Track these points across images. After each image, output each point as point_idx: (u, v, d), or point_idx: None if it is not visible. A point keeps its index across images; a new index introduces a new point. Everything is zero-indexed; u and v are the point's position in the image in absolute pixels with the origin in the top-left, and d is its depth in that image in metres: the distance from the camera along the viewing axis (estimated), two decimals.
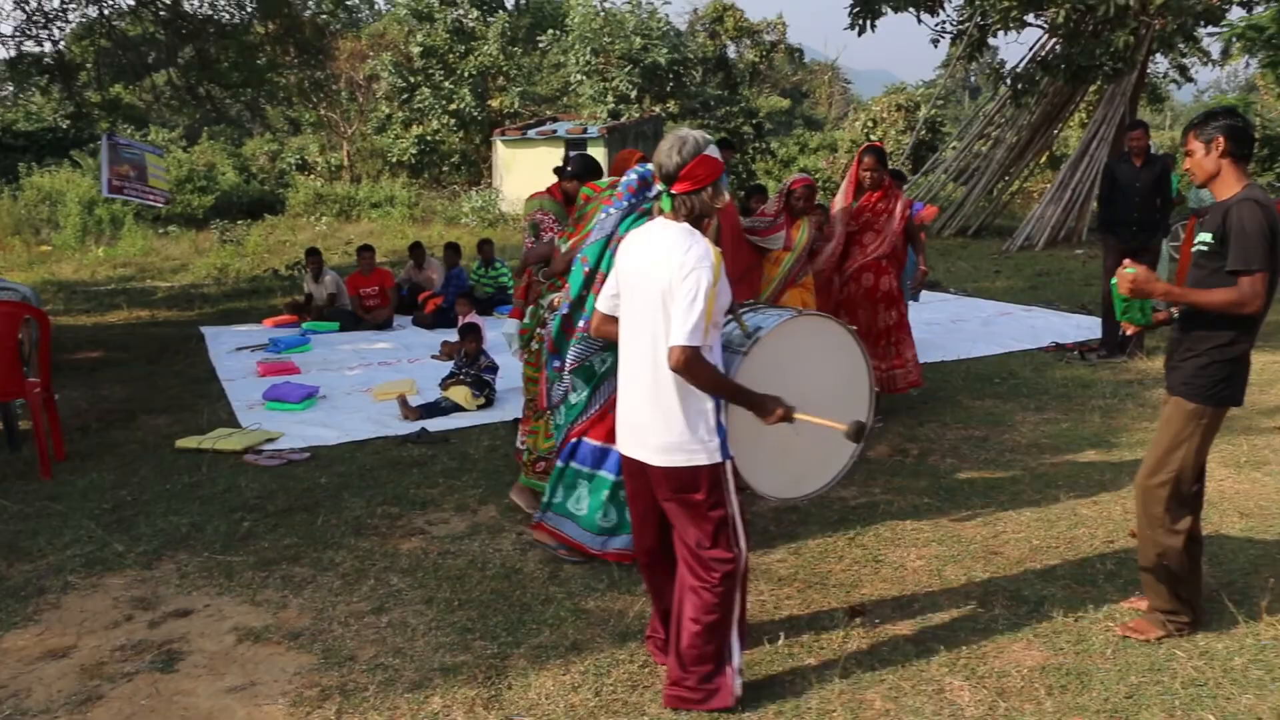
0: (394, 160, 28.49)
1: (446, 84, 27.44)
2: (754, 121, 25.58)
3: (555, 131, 25.52)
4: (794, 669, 3.95)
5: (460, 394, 7.74)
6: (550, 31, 26.18)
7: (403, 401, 7.66)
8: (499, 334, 6.59)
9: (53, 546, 5.37)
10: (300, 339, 10.62)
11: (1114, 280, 3.98)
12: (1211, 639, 4.11)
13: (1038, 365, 9.05)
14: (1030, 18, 16.12)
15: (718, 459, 3.50)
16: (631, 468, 3.69)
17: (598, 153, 25.68)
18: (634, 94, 24.98)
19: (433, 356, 9.70)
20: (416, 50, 27.39)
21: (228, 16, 11.69)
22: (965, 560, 4.94)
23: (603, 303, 3.76)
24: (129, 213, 23.88)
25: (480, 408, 7.75)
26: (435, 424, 7.41)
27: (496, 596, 4.66)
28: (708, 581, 3.54)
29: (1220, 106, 4.35)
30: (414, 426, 7.32)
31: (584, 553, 4.89)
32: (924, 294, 12.55)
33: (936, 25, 16.84)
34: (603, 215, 4.80)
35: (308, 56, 13.16)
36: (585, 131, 25.25)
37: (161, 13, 11.37)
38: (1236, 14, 17.91)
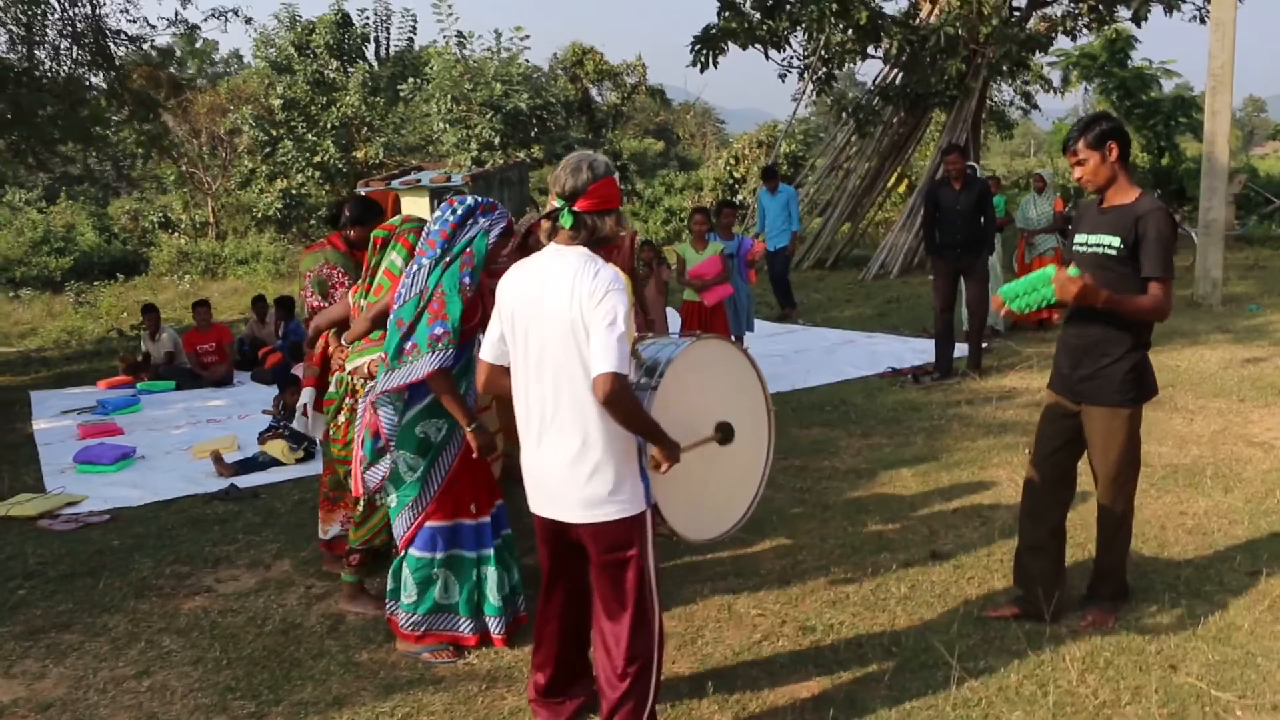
0: (259, 215, 27.92)
1: (309, 136, 27.05)
2: (619, 164, 25.78)
3: (419, 181, 25.29)
4: None
5: (277, 448, 7.51)
6: (410, 80, 26.06)
7: (217, 458, 7.41)
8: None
9: None
10: (130, 399, 10.24)
11: (1042, 273, 3.98)
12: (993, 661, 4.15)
13: (871, 391, 9.17)
14: (872, 49, 16.58)
15: (644, 507, 3.27)
16: (547, 529, 3.38)
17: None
18: (497, 140, 24.91)
19: (264, 411, 9.44)
20: (277, 103, 26.94)
21: (49, 69, 11.32)
22: (758, 593, 4.90)
23: (487, 352, 3.43)
24: None
25: (299, 461, 7.52)
26: (249, 479, 7.17)
27: (268, 654, 4.48)
28: (622, 671, 3.30)
29: (1098, 113, 4.48)
30: (226, 483, 7.07)
31: (465, 643, 4.43)
32: (770, 326, 12.75)
33: (783, 60, 17.20)
34: (414, 267, 4.36)
35: (141, 110, 12.79)
36: (449, 179, 25.09)
37: None
38: (1064, 43, 18.80)
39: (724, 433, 3.67)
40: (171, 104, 27.44)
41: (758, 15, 15.78)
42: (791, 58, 17.41)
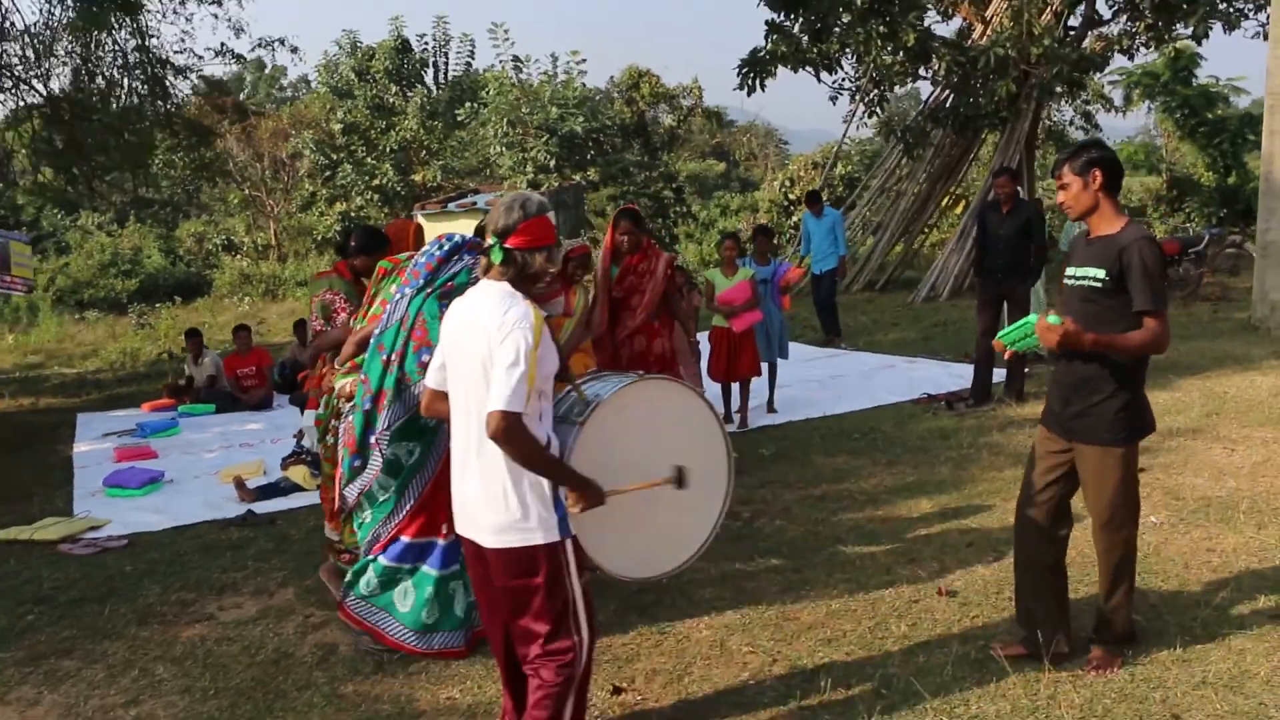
0: (320, 238, 28.37)
1: (369, 160, 27.47)
2: (674, 185, 25.75)
3: (475, 203, 25.53)
4: None
5: (299, 473, 7.57)
6: (468, 105, 26.35)
7: (239, 483, 7.48)
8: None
9: None
10: (169, 423, 10.42)
11: (1027, 321, 3.90)
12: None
13: (903, 418, 9.00)
14: (922, 71, 16.37)
15: (556, 537, 3.28)
16: (470, 551, 3.45)
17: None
18: (552, 163, 25.07)
19: (294, 435, 9.51)
20: (337, 127, 27.43)
21: (103, 100, 11.63)
22: (754, 629, 4.79)
23: (431, 378, 3.53)
24: (46, 299, 23.65)
25: (320, 486, 7.56)
26: (268, 505, 7.23)
27: (255, 684, 4.49)
28: (544, 680, 3.31)
29: (1089, 140, 4.36)
30: (245, 509, 7.13)
31: (403, 650, 4.62)
32: (809, 350, 12.61)
33: (834, 82, 17.08)
34: (397, 296, 4.60)
35: (193, 137, 13.08)
36: None
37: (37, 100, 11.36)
38: (1119, 62, 18.40)
39: (680, 476, 3.59)
40: (235, 129, 28.19)
41: (806, 38, 15.67)
42: (843, 79, 17.26)
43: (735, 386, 9.14)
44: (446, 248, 4.58)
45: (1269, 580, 5.03)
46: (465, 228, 26.24)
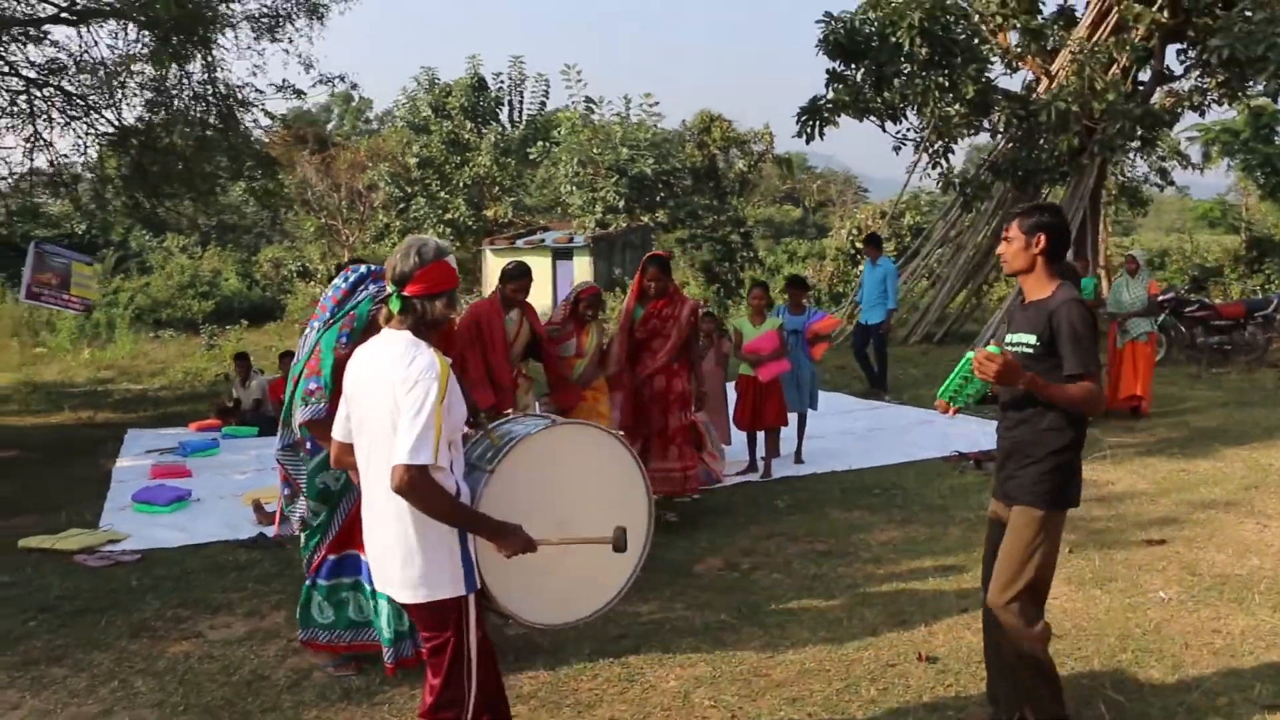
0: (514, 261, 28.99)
1: (442, 194, 28.09)
2: (742, 230, 25.85)
3: (543, 241, 25.95)
4: None
5: None
6: (540, 144, 26.83)
7: (256, 506, 7.65)
8: None
9: None
10: (210, 443, 10.68)
11: (965, 359, 3.82)
12: None
13: (929, 475, 8.88)
14: (987, 123, 16.25)
15: (463, 591, 3.25)
16: (393, 602, 3.50)
17: (583, 262, 26.01)
18: (621, 203, 25.38)
19: None
20: (413, 161, 28.11)
21: (169, 130, 12.11)
22: (722, 683, 4.75)
23: (337, 429, 3.47)
24: (125, 316, 24.44)
25: None
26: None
27: (225, 703, 4.59)
28: None
29: (1047, 203, 4.29)
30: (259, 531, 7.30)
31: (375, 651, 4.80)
32: (850, 401, 12.50)
33: (897, 133, 17.02)
34: (308, 330, 4.77)
35: (260, 167, 13.51)
36: (571, 240, 25.64)
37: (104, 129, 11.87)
38: (1190, 119, 18.04)
39: (619, 539, 3.56)
40: (314, 159, 28.99)
41: (869, 88, 15.67)
42: (908, 129, 17.20)
43: (761, 435, 9.11)
44: (352, 279, 4.72)
45: (1271, 669, 4.82)
46: (532, 265, 26.56)
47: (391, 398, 3.11)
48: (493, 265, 26.87)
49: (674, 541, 7.01)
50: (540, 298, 6.64)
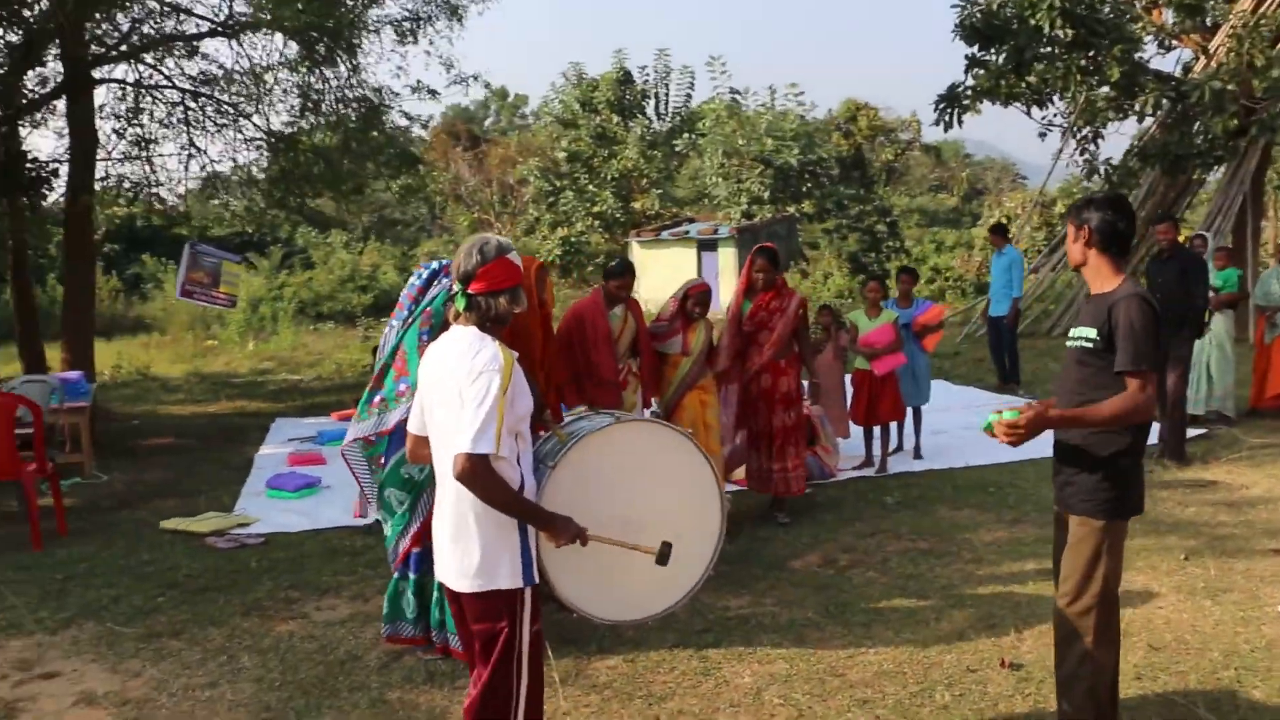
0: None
1: (590, 187, 28.51)
2: (888, 220, 25.42)
3: (687, 232, 26.05)
4: None
5: None
6: (685, 135, 26.95)
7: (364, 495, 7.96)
8: None
9: None
10: (344, 432, 11.11)
11: (990, 418, 3.77)
12: None
13: (1047, 473, 8.38)
14: (1135, 106, 15.50)
15: (519, 583, 3.28)
16: (449, 593, 3.45)
17: (728, 253, 25.99)
18: (767, 195, 25.28)
19: None
20: (562, 155, 28.62)
21: (315, 132, 12.71)
22: (796, 681, 4.75)
23: (413, 423, 3.55)
24: (288, 309, 25.67)
25: None
26: None
27: (316, 681, 4.85)
28: None
29: (1103, 194, 3.99)
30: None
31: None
32: (982, 396, 12.18)
33: (1042, 119, 16.40)
34: (388, 329, 4.88)
35: (402, 165, 14.02)
36: (716, 232, 25.67)
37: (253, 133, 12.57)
38: None
39: (664, 552, 3.58)
40: (467, 155, 29.86)
41: (1010, 72, 15.15)
42: (1055, 114, 16.58)
43: (878, 430, 9.01)
44: (425, 275, 4.83)
45: None
46: (677, 256, 26.71)
47: (457, 389, 3.18)
48: (639, 258, 27.12)
49: (775, 535, 7.03)
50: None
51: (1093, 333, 3.72)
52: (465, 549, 3.27)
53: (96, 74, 11.80)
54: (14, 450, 7.20)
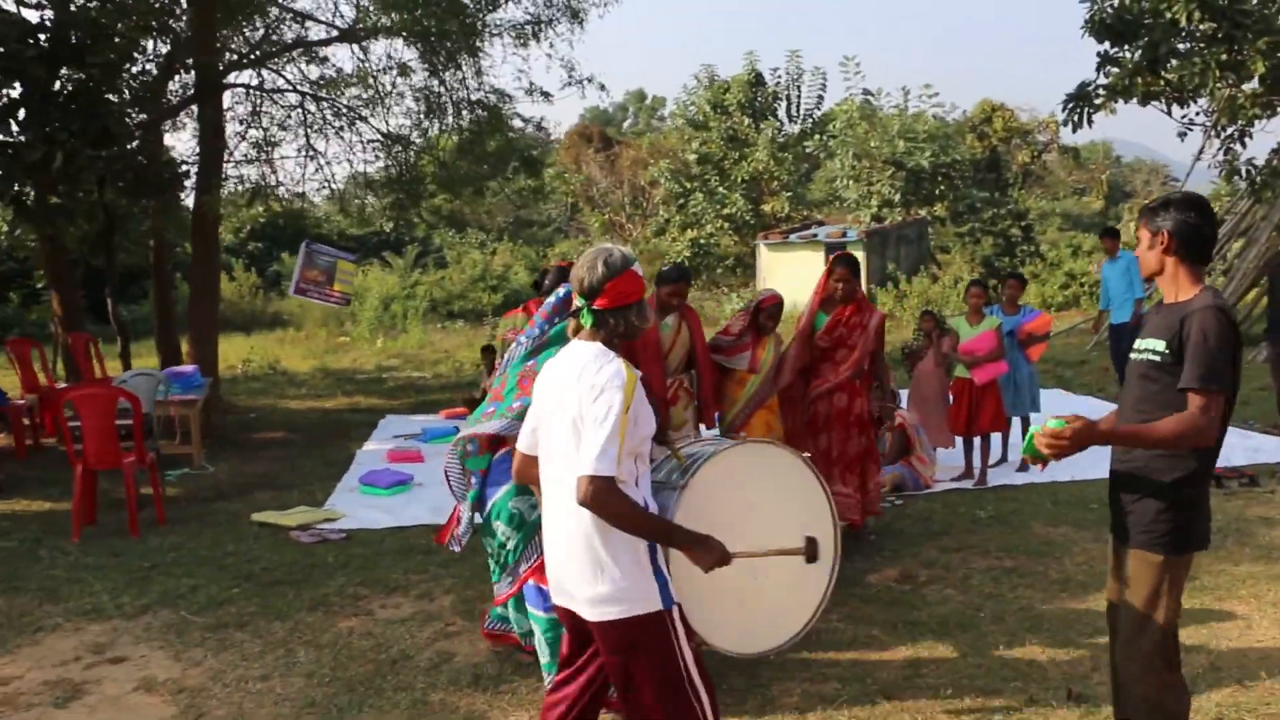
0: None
1: (720, 189, 28.38)
2: (1023, 223, 24.53)
3: (815, 235, 25.68)
4: None
5: None
6: (816, 137, 26.58)
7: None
8: None
9: (79, 594, 6.17)
10: (449, 430, 11.29)
11: (1032, 433, 3.45)
12: None
13: None
14: None
15: (658, 606, 3.05)
16: (566, 620, 3.28)
17: (857, 256, 25.52)
18: (898, 197, 24.73)
19: None
20: (692, 157, 28.56)
21: (431, 133, 12.97)
22: (844, 703, 4.57)
23: (522, 441, 3.36)
24: (419, 307, 26.28)
25: None
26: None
27: (364, 679, 4.89)
28: None
29: (1179, 195, 3.53)
30: None
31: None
32: (1101, 404, 11.60)
33: (1183, 118, 15.49)
34: (514, 345, 4.63)
35: (524, 167, 14.19)
36: (844, 235, 25.23)
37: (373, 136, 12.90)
38: None
39: (811, 549, 3.44)
40: (599, 157, 30.10)
41: (1145, 69, 14.35)
42: (1195, 113, 15.65)
43: (978, 441, 8.66)
44: (563, 295, 4.51)
45: None
46: (805, 259, 26.30)
47: (578, 406, 3.00)
48: (767, 260, 26.89)
49: (856, 548, 6.79)
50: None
51: (1161, 345, 3.36)
52: (593, 576, 3.05)
53: (225, 81, 12.28)
54: (115, 441, 7.51)
